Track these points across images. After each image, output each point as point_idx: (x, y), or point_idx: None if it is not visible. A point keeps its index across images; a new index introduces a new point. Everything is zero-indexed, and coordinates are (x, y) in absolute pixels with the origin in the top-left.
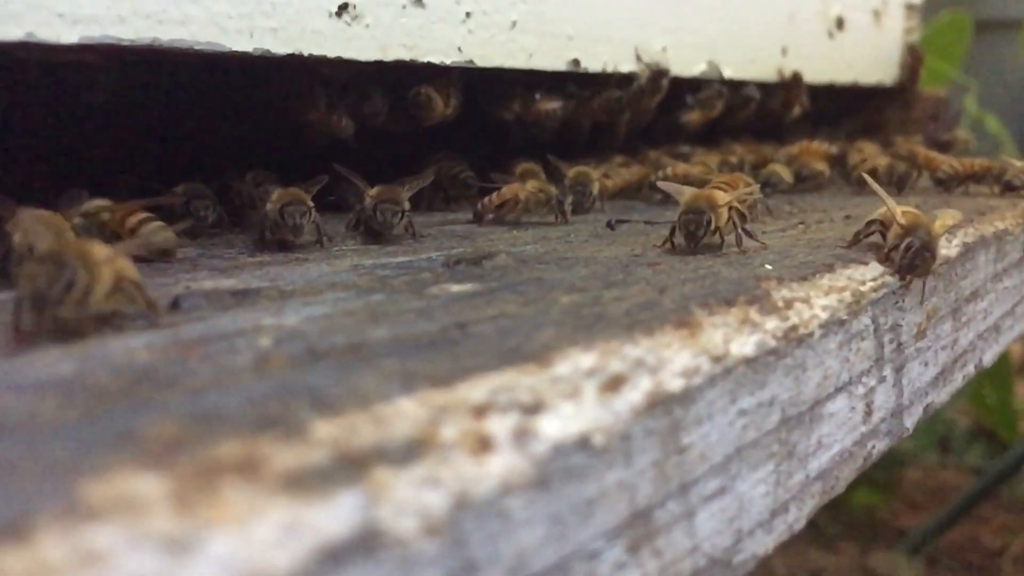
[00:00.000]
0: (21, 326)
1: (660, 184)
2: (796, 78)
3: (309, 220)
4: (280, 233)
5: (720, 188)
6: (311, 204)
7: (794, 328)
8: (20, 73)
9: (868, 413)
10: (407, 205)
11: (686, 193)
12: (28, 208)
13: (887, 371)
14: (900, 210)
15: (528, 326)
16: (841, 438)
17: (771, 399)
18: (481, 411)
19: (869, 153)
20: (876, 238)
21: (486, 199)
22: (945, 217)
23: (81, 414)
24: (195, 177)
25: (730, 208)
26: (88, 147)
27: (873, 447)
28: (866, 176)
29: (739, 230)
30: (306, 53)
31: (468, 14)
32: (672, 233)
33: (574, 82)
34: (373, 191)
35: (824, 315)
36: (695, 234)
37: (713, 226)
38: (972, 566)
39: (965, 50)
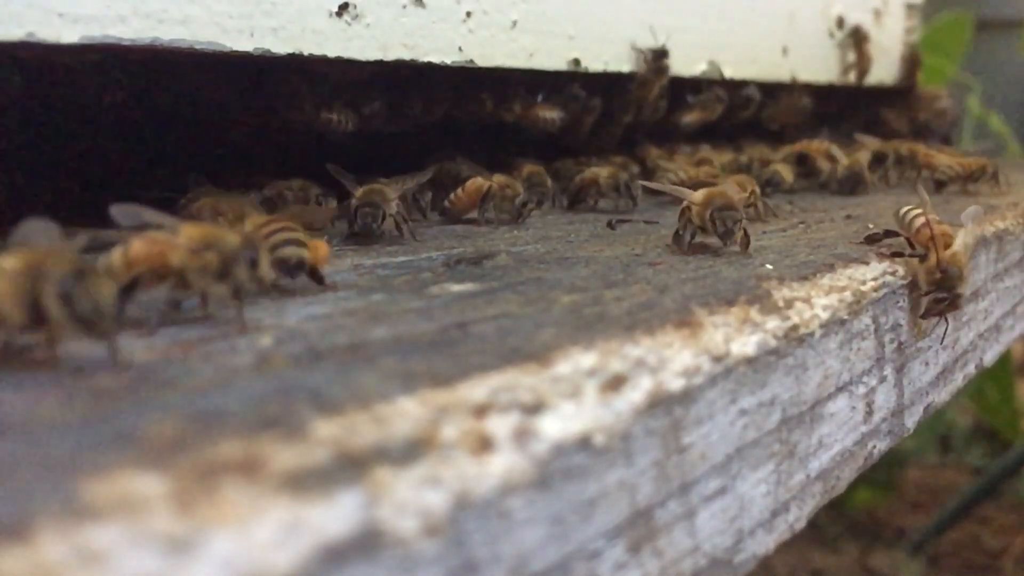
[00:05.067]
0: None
1: (653, 185)
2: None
3: None
4: None
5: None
6: None
7: (795, 328)
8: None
9: (869, 413)
10: (392, 207)
11: (696, 192)
12: None
13: (888, 371)
14: (940, 232)
15: (529, 326)
16: (842, 438)
17: (772, 399)
18: (482, 411)
19: (860, 153)
20: (899, 243)
21: (452, 196)
22: (967, 235)
23: (81, 414)
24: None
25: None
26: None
27: (874, 447)
28: (920, 188)
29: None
30: (306, 53)
31: (469, 14)
32: (688, 234)
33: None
34: (359, 192)
35: (825, 315)
36: (732, 231)
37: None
38: (973, 566)
39: (966, 49)
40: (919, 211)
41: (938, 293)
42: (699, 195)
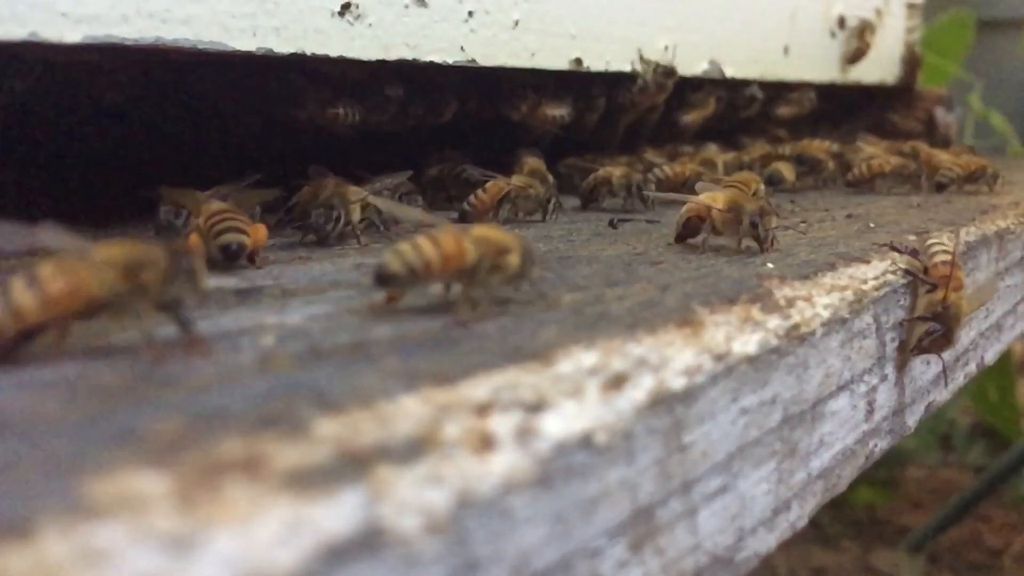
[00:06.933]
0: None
1: (663, 196)
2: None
3: None
4: None
5: (737, 188)
6: None
7: (796, 327)
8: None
9: (870, 411)
10: (354, 211)
11: (716, 197)
12: None
13: (889, 369)
14: (956, 276)
15: (531, 324)
16: (843, 436)
17: (773, 397)
18: (484, 409)
19: (873, 152)
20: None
21: (472, 198)
22: (983, 293)
23: (84, 412)
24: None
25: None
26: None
27: (875, 445)
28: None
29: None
30: (309, 52)
31: (471, 13)
32: (687, 233)
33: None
34: (324, 192)
35: (826, 313)
36: (772, 235)
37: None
38: (974, 564)
39: (968, 48)
40: (945, 247)
41: (933, 324)
42: (720, 200)
